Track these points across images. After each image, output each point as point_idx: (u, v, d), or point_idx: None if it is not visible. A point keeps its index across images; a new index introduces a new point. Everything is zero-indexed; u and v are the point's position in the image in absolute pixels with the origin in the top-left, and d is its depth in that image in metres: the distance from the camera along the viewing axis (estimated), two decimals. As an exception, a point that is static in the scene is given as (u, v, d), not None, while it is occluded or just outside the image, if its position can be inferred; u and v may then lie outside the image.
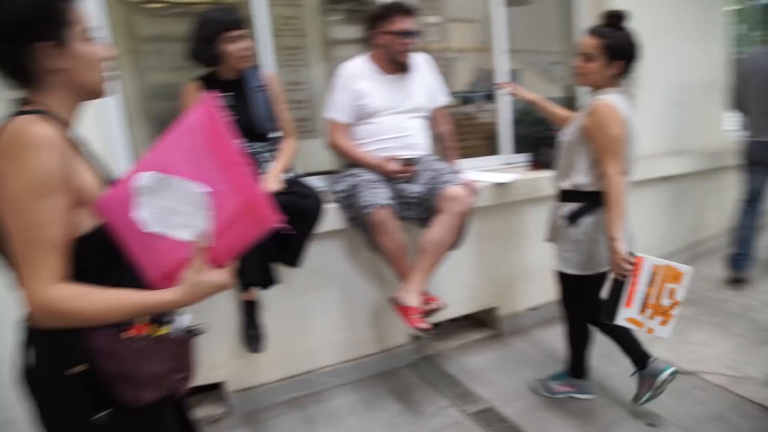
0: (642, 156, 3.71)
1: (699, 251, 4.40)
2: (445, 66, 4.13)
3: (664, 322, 2.10)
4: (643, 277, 2.07)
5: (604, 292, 2.20)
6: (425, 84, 2.70)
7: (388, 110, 2.58)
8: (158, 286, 1.03)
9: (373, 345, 2.83)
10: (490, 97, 4.09)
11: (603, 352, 2.63)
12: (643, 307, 2.09)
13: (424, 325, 2.27)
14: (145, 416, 1.13)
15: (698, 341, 3.03)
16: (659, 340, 2.17)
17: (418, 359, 2.97)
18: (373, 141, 2.58)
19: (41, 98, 1.04)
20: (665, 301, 2.07)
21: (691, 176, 4.17)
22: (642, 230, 3.84)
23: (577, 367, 2.54)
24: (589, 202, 2.19)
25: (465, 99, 4.42)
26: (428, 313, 2.40)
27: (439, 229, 2.37)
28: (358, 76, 2.57)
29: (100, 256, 1.05)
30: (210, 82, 2.30)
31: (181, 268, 1.00)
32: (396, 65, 2.57)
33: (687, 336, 3.07)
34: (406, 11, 2.48)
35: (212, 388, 2.54)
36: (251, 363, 2.49)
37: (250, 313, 2.34)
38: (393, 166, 2.44)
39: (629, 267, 2.06)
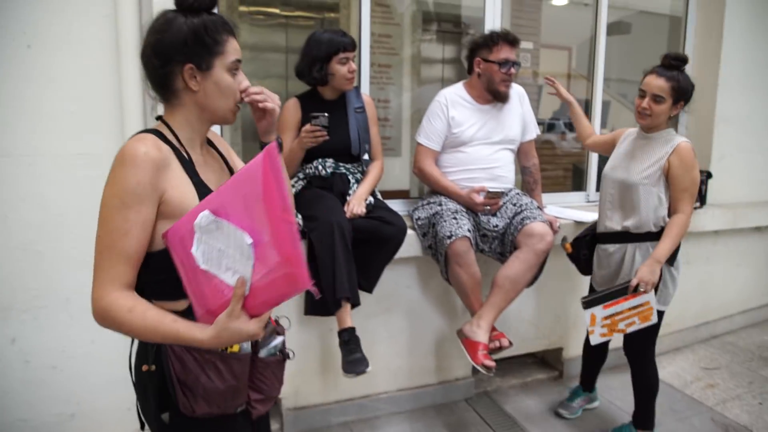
0: (733, 204, 3.55)
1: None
2: (533, 93, 4.06)
3: (603, 335, 2.32)
4: (634, 302, 2.21)
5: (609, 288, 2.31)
6: (518, 116, 2.62)
7: (480, 141, 2.53)
8: (202, 320, 1.05)
9: (432, 375, 2.78)
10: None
11: (672, 407, 2.49)
12: (609, 317, 2.27)
13: (489, 363, 2.22)
14: (209, 428, 1.15)
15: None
16: (735, 399, 2.16)
17: (477, 394, 2.90)
18: (460, 170, 2.54)
19: (173, 114, 1.17)
20: (621, 325, 2.27)
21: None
22: (726, 281, 3.67)
23: (645, 419, 2.42)
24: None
25: (549, 126, 4.32)
26: (495, 350, 2.34)
27: (516, 265, 2.30)
28: (454, 103, 2.54)
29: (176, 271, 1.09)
30: (310, 101, 2.33)
31: (221, 310, 1.01)
32: (492, 95, 2.51)
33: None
34: (512, 41, 2.44)
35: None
36: (310, 382, 2.50)
37: (350, 341, 2.19)
38: (479, 199, 2.39)
39: (649, 290, 2.18)
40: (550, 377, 3.13)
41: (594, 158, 3.40)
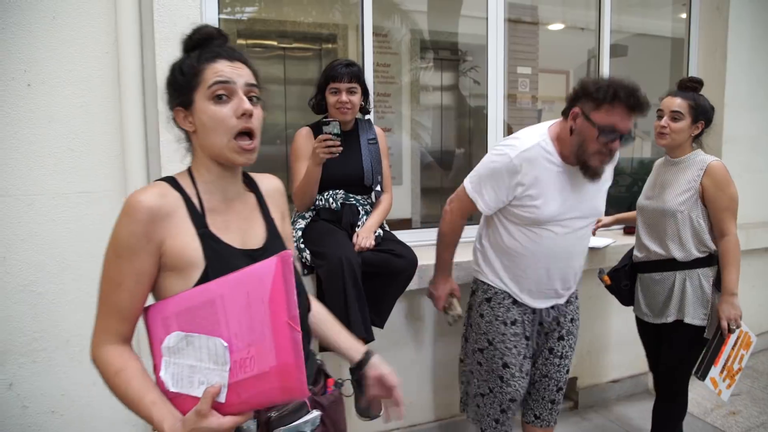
0: (745, 224, 3.50)
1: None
2: (532, 118, 4.06)
3: (729, 386, 2.22)
4: (733, 339, 2.16)
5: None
6: (605, 187, 2.03)
7: (563, 219, 1.88)
8: (170, 396, 1.00)
9: (444, 409, 2.70)
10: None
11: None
12: (722, 368, 2.19)
13: None
14: None
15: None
16: (760, 427, 2.21)
17: (491, 427, 2.81)
18: (533, 257, 1.94)
19: (193, 160, 1.14)
20: (735, 365, 2.20)
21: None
22: (741, 304, 3.58)
23: None
24: (712, 263, 2.21)
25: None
26: None
27: None
28: (533, 163, 1.83)
29: None
30: (321, 130, 2.30)
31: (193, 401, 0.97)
32: (580, 165, 1.82)
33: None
34: (633, 107, 1.71)
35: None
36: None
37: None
38: (441, 305, 2.21)
39: (738, 324, 2.13)
40: (566, 407, 3.04)
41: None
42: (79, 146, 2.01)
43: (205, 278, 1.02)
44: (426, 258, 2.43)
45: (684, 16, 3.56)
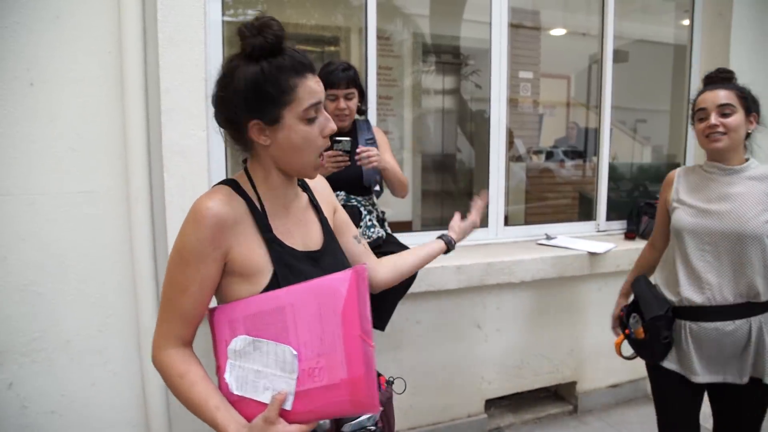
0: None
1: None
2: (534, 122, 4.07)
3: None
4: None
5: None
6: None
7: None
8: (231, 399, 1.03)
9: (444, 412, 2.69)
10: (579, 154, 3.97)
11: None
12: None
13: None
14: None
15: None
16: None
17: (490, 430, 2.81)
18: None
19: (252, 165, 1.12)
20: None
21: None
22: None
23: None
24: None
25: (548, 155, 4.31)
26: None
27: None
28: None
29: None
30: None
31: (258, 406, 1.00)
32: None
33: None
34: None
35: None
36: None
37: None
38: None
39: None
40: (564, 411, 3.04)
41: (603, 186, 3.35)
42: (81, 145, 2.00)
43: (274, 283, 1.04)
44: (427, 261, 2.44)
45: (686, 22, 3.56)
